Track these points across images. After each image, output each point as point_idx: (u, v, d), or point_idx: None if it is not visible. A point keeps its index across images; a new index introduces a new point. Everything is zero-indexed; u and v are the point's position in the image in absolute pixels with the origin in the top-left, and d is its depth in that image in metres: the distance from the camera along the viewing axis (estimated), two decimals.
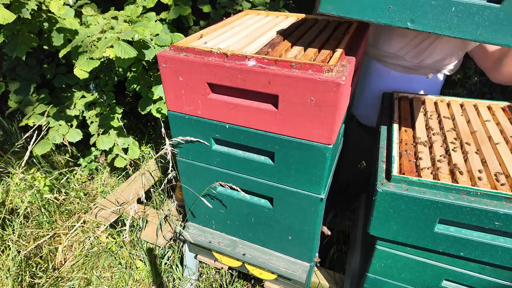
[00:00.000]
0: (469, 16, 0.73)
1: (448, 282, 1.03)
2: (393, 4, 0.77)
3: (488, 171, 0.93)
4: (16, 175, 2.14)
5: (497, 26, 0.72)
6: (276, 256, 1.31)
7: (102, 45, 1.54)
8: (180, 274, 1.71)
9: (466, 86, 2.99)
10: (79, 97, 2.30)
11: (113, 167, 2.55)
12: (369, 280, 1.13)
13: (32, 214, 2.07)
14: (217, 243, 1.37)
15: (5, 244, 1.80)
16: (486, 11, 0.72)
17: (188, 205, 1.39)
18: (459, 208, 0.85)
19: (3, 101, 2.83)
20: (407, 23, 0.79)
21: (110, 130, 2.29)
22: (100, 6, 2.37)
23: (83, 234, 2.00)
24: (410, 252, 1.01)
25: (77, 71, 1.67)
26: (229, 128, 1.04)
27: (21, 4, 1.60)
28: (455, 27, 0.76)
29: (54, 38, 1.82)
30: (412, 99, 1.37)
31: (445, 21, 0.76)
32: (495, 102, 1.29)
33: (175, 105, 1.08)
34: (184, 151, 1.19)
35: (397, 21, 0.79)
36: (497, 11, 0.71)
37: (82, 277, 1.75)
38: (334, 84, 0.81)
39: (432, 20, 0.77)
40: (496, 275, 0.95)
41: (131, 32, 1.60)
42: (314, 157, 0.96)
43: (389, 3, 0.77)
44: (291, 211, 1.13)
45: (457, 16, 0.74)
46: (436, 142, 1.09)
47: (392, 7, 0.78)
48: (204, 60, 0.93)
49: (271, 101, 0.94)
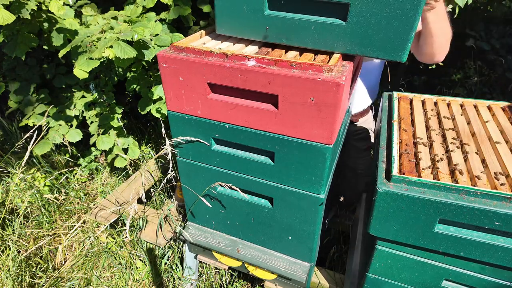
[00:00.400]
0: (326, 32, 0.86)
1: (448, 282, 1.03)
2: (269, 26, 0.92)
3: (488, 171, 0.93)
4: (16, 175, 2.14)
5: (347, 38, 0.85)
6: (276, 256, 1.31)
7: (102, 45, 1.54)
8: (180, 274, 1.71)
9: (466, 86, 2.99)
10: (79, 97, 2.30)
11: (113, 167, 2.55)
12: (369, 280, 1.13)
13: (32, 214, 2.07)
14: (217, 243, 1.37)
15: (5, 244, 1.80)
16: (336, 27, 0.84)
17: (188, 205, 1.39)
18: (459, 208, 0.85)
19: (3, 101, 2.83)
20: (282, 39, 0.93)
21: (110, 130, 2.29)
22: (100, 6, 2.37)
23: (83, 234, 2.00)
24: (410, 252, 1.01)
25: (77, 71, 1.67)
26: (229, 128, 1.04)
27: (21, 4, 1.60)
28: (318, 42, 0.89)
29: (54, 38, 1.82)
30: (412, 99, 1.37)
31: (310, 37, 0.89)
32: (495, 102, 1.29)
33: (175, 105, 1.08)
34: (184, 151, 1.19)
35: (275, 38, 0.94)
36: (345, 27, 0.83)
37: (82, 277, 1.75)
38: (334, 84, 0.81)
39: (300, 37, 0.90)
40: (496, 275, 0.95)
41: (131, 32, 1.60)
42: (314, 157, 0.96)
43: (266, 24, 0.92)
44: (291, 211, 1.13)
45: (318, 33, 0.87)
46: (436, 142, 1.09)
47: (269, 28, 0.92)
48: (204, 60, 0.93)
49: (271, 101, 0.94)
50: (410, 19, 0.76)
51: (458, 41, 3.05)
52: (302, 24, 0.87)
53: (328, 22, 0.84)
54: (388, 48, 0.82)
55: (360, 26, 0.81)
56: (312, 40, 0.88)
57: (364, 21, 0.80)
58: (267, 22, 0.91)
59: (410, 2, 0.74)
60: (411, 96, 1.39)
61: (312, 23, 0.86)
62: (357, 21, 0.80)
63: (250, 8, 0.90)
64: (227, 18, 0.96)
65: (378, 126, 1.34)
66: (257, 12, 0.90)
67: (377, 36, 0.81)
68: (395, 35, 0.79)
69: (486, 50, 2.78)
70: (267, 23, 0.91)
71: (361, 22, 0.80)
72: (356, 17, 0.80)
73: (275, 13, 0.89)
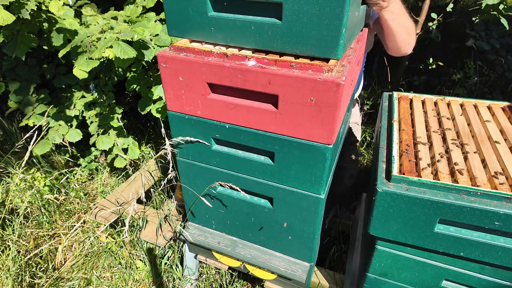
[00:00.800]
0: (264, 31, 0.88)
1: (448, 282, 1.03)
2: (214, 27, 0.94)
3: (488, 171, 0.93)
4: (16, 175, 2.14)
5: (285, 37, 0.86)
6: (276, 256, 1.31)
7: (102, 46, 1.54)
8: (180, 274, 1.71)
9: (466, 86, 2.99)
10: (79, 97, 2.30)
11: (113, 167, 2.55)
12: (369, 280, 1.13)
13: (32, 214, 2.07)
14: (217, 243, 1.37)
15: (5, 244, 1.80)
16: (274, 26, 0.86)
17: (188, 205, 1.39)
18: (459, 208, 0.85)
19: (3, 101, 2.83)
20: (227, 40, 0.95)
21: (110, 130, 2.29)
22: (99, 6, 2.37)
23: (83, 234, 2.00)
24: (410, 252, 1.01)
25: (77, 71, 1.67)
26: (229, 128, 1.04)
27: (20, 4, 1.60)
28: (259, 41, 0.90)
29: (53, 38, 1.82)
30: (412, 99, 1.37)
31: (251, 37, 0.90)
32: (495, 102, 1.29)
33: (175, 105, 1.08)
34: (184, 151, 1.19)
35: (220, 39, 0.96)
36: (281, 26, 0.85)
37: (82, 277, 1.75)
38: (334, 84, 0.81)
39: (243, 37, 0.92)
40: (496, 275, 0.95)
41: (131, 32, 1.60)
42: (314, 157, 0.96)
43: (211, 26, 0.94)
44: (291, 211, 1.13)
45: (258, 33, 0.89)
46: (436, 142, 1.09)
47: (214, 29, 0.94)
48: (204, 60, 0.93)
49: (271, 101, 0.94)
50: (338, 15, 0.77)
51: (458, 41, 3.06)
52: (243, 24, 0.89)
53: (266, 22, 0.86)
54: (323, 46, 0.83)
55: (294, 24, 0.83)
56: (254, 40, 0.90)
57: (297, 19, 0.82)
58: (211, 23, 0.93)
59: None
60: (411, 96, 1.39)
61: (252, 23, 0.88)
62: (291, 20, 0.82)
63: (195, 10, 0.92)
64: (176, 21, 0.98)
65: (378, 126, 1.34)
66: (202, 14, 0.92)
67: (311, 34, 0.82)
68: (327, 32, 0.81)
69: (486, 50, 2.78)
70: (212, 25, 0.93)
71: (295, 20, 0.82)
72: (290, 15, 0.82)
73: (218, 15, 0.91)
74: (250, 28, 0.89)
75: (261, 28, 0.88)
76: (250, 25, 0.88)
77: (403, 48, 1.37)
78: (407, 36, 1.32)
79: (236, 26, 0.90)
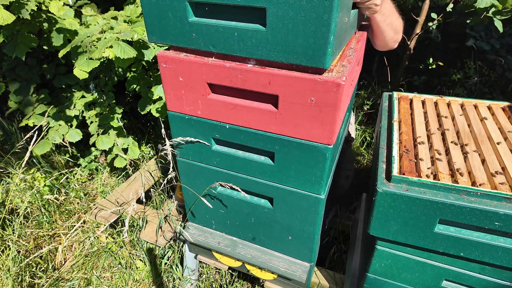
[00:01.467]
0: (248, 38, 0.84)
1: (448, 282, 1.03)
2: (195, 33, 0.90)
3: (488, 171, 0.93)
4: (16, 175, 2.14)
5: (269, 45, 0.82)
6: (276, 256, 1.31)
7: (102, 46, 1.54)
8: (180, 274, 1.71)
9: (466, 86, 2.99)
10: (79, 97, 2.30)
11: (113, 167, 2.55)
12: (369, 280, 1.13)
13: (32, 214, 2.07)
14: (217, 243, 1.37)
15: (5, 244, 1.80)
16: (258, 33, 0.82)
17: (188, 205, 1.39)
18: (459, 208, 0.85)
19: (3, 101, 2.83)
20: (209, 47, 0.91)
21: (110, 130, 2.29)
22: (99, 6, 2.37)
23: (83, 234, 2.00)
24: (410, 252, 1.01)
25: (77, 71, 1.67)
26: (229, 128, 1.04)
27: (20, 4, 1.60)
28: (243, 49, 0.86)
29: (53, 39, 1.82)
30: (412, 99, 1.37)
31: (234, 44, 0.87)
32: (495, 102, 1.29)
33: (175, 105, 1.08)
34: (184, 151, 1.19)
35: (202, 46, 0.92)
36: (265, 33, 0.81)
37: (82, 277, 1.75)
38: (334, 84, 0.81)
39: (225, 44, 0.88)
40: (496, 275, 0.95)
41: (131, 32, 1.60)
42: (314, 157, 0.96)
43: (192, 32, 0.90)
44: (291, 211, 1.13)
45: (241, 40, 0.85)
46: (436, 142, 1.09)
47: (195, 35, 0.90)
48: (204, 60, 0.93)
49: (271, 101, 0.94)
50: (325, 22, 0.73)
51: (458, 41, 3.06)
52: (226, 30, 0.85)
53: (249, 28, 0.82)
54: (310, 54, 0.79)
55: (279, 31, 0.79)
56: (237, 47, 0.86)
57: (282, 26, 0.77)
58: (192, 29, 0.89)
59: (323, 5, 0.71)
60: (411, 96, 1.39)
61: (235, 30, 0.84)
62: (276, 26, 0.78)
63: (175, 15, 0.89)
64: (156, 26, 0.94)
65: (378, 126, 1.34)
66: (182, 20, 0.88)
67: (297, 41, 0.78)
68: (314, 40, 0.76)
69: (486, 50, 2.78)
70: (193, 31, 0.89)
71: (280, 27, 0.78)
72: (274, 22, 0.78)
73: (200, 20, 0.87)
74: (233, 35, 0.85)
75: (244, 34, 0.83)
76: (233, 32, 0.84)
77: (390, 45, 1.41)
78: (394, 34, 1.35)
79: (219, 32, 0.86)
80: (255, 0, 0.77)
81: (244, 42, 0.85)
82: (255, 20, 0.82)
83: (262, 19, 0.80)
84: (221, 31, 0.86)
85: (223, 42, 0.88)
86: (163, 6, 0.89)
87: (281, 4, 0.75)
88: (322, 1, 0.71)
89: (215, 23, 0.86)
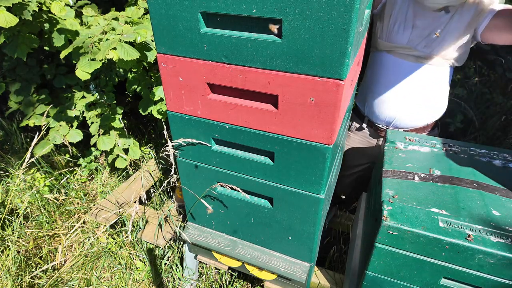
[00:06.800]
0: (263, 49, 0.83)
1: (446, 280, 1.03)
2: (207, 44, 0.89)
3: None
4: (16, 175, 2.14)
5: (285, 56, 0.81)
6: (276, 256, 1.31)
7: (105, 47, 1.55)
8: (180, 274, 1.71)
9: (466, 86, 3.00)
10: (80, 98, 2.30)
11: (113, 167, 2.55)
12: (368, 278, 1.14)
13: (32, 214, 2.07)
14: (217, 243, 1.37)
15: (5, 244, 1.80)
16: (273, 44, 0.81)
17: (188, 206, 1.39)
18: None
19: (3, 101, 2.83)
20: (221, 58, 0.89)
21: (110, 131, 2.29)
22: (100, 7, 2.37)
23: (83, 234, 2.00)
24: (409, 250, 1.01)
25: (79, 72, 1.67)
26: (229, 128, 1.04)
27: (22, 6, 1.60)
28: (257, 60, 0.85)
29: (55, 39, 1.83)
30: None
31: (248, 55, 0.85)
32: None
33: (175, 106, 1.08)
34: (184, 152, 1.20)
35: (214, 57, 0.90)
36: (281, 44, 0.80)
37: (82, 278, 1.75)
38: (334, 84, 0.81)
39: (238, 55, 0.86)
40: (495, 273, 0.95)
41: (134, 34, 1.60)
42: (314, 157, 0.96)
43: (204, 43, 0.89)
44: (291, 211, 1.14)
45: (255, 51, 0.84)
46: None
47: (207, 46, 0.89)
48: (204, 60, 0.94)
49: (271, 101, 0.94)
50: (344, 34, 0.72)
51: None
52: (239, 41, 0.84)
53: (264, 39, 0.81)
54: (326, 65, 0.78)
55: (295, 42, 0.78)
56: (251, 58, 0.85)
57: (299, 37, 0.77)
58: (204, 40, 0.88)
59: (342, 17, 0.71)
60: None
61: (249, 41, 0.82)
62: (292, 38, 0.77)
63: (186, 26, 0.87)
64: (165, 38, 0.93)
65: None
66: (193, 31, 0.87)
67: (314, 52, 0.78)
68: (331, 51, 0.76)
69: (486, 50, 2.79)
70: (205, 41, 0.88)
71: (296, 38, 0.77)
72: (290, 33, 0.77)
73: (212, 31, 0.86)
74: (247, 46, 0.83)
75: (259, 46, 0.82)
76: (247, 43, 0.83)
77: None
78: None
79: (231, 44, 0.85)
80: (271, 11, 0.76)
81: (259, 53, 0.84)
82: (271, 31, 0.81)
83: (278, 30, 0.79)
84: (234, 42, 0.84)
85: (236, 53, 0.86)
86: (174, 17, 0.87)
87: (298, 16, 0.74)
88: (341, 14, 0.71)
89: (227, 34, 0.84)
